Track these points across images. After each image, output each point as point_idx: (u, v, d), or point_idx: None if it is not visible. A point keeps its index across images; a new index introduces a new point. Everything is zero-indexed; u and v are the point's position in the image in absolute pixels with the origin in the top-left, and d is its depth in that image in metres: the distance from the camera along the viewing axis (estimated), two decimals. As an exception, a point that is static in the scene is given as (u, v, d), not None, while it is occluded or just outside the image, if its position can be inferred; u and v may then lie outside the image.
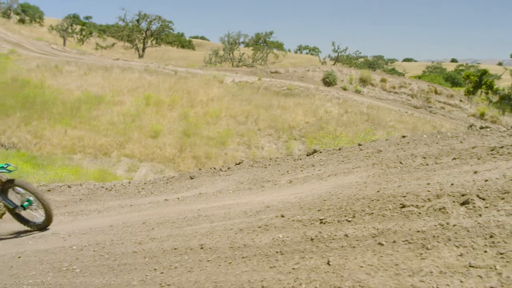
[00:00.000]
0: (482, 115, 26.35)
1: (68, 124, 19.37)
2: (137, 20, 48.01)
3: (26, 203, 5.67)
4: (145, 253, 3.97)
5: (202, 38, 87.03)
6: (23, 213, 5.75)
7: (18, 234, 5.67)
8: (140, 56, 46.57)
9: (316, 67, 34.00)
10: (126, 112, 21.55)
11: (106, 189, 7.98)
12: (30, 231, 5.76)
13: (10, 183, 5.64)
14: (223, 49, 46.28)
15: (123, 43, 50.63)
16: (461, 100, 27.96)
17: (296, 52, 64.16)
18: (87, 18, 64.47)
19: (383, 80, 30.12)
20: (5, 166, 5.59)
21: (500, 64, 32.04)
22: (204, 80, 27.27)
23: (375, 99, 28.70)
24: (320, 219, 3.64)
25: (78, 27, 54.45)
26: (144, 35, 48.42)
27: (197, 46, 68.96)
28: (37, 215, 5.77)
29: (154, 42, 49.83)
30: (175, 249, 3.88)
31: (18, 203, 5.66)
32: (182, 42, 65.48)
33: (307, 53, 60.66)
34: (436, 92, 28.98)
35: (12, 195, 5.71)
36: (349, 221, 3.45)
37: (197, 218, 4.81)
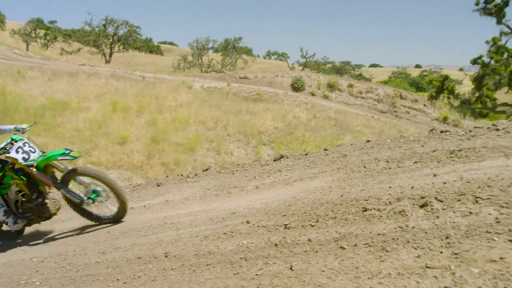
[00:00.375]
0: (444, 119, 27.22)
1: (31, 131, 18.79)
2: (104, 25, 47.25)
3: (93, 195, 4.99)
4: (109, 263, 3.89)
5: (171, 43, 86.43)
6: (91, 206, 5.12)
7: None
8: (107, 62, 45.80)
9: (284, 72, 34.30)
10: (92, 118, 21.09)
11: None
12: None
13: (73, 173, 4.94)
14: (192, 55, 46.08)
15: (89, 48, 49.67)
16: (425, 105, 28.79)
17: (265, 58, 64.59)
18: (51, 22, 63.03)
19: (350, 86, 30.67)
20: (67, 152, 4.86)
21: (461, 69, 33.24)
22: (172, 86, 27.05)
23: (342, 104, 29.17)
24: (285, 225, 3.66)
25: (42, 32, 53.05)
26: (111, 40, 47.67)
27: (165, 51, 68.40)
28: (108, 207, 5.15)
29: (121, 47, 49.11)
30: (139, 258, 3.82)
31: (83, 195, 5.02)
32: (150, 48, 64.82)
33: (276, 59, 61.17)
34: (401, 97, 29.75)
35: (74, 186, 5.08)
36: (312, 225, 3.49)
37: (163, 226, 4.75)
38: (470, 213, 3.03)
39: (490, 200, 3.21)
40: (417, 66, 66.07)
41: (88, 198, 5.01)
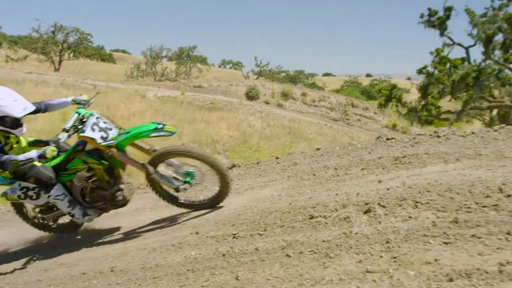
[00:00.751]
0: (394, 126, 28.23)
1: None
2: (53, 32, 45.64)
3: (187, 178, 4.33)
4: (51, 280, 3.74)
5: (124, 51, 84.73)
6: (182, 192, 4.46)
7: None
8: (56, 70, 44.24)
9: (239, 81, 34.46)
10: (40, 129, 20.29)
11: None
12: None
13: (167, 154, 4.26)
14: (145, 63, 45.36)
15: (37, 56, 47.80)
16: (375, 113, 29.76)
17: (219, 67, 64.58)
18: (-5, 28, 60.16)
19: (303, 94, 31.22)
20: (160, 126, 4.12)
21: (409, 78, 34.55)
22: (125, 95, 26.47)
23: (296, 112, 29.62)
24: (233, 234, 3.66)
25: (-16, 38, 50.59)
26: (60, 47, 46.10)
27: (118, 59, 66.96)
28: (205, 190, 4.54)
29: (71, 55, 47.59)
30: (83, 273, 3.69)
31: (177, 180, 4.35)
32: (102, 56, 63.25)
33: (230, 68, 61.33)
34: (353, 105, 30.60)
35: (162, 170, 4.39)
36: (260, 234, 3.51)
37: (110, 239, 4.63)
38: (410, 217, 3.16)
39: (428, 204, 3.36)
40: (368, 75, 68.29)
41: (185, 182, 4.36)
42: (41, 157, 4.02)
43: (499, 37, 16.73)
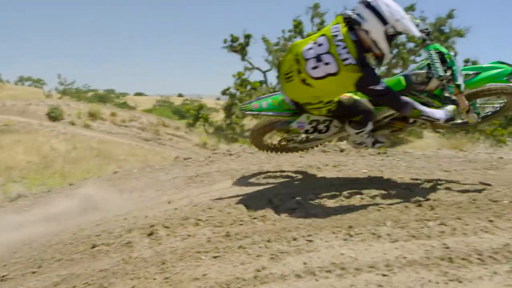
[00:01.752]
0: (204, 144, 29.34)
1: None
2: None
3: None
4: None
5: None
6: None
7: None
8: None
9: (40, 100, 31.43)
10: None
11: None
12: None
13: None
14: None
15: None
16: (186, 132, 30.49)
17: (16, 84, 57.68)
18: None
19: (113, 114, 30.14)
20: None
21: (218, 99, 36.51)
22: None
23: (106, 133, 28.33)
24: (2, 277, 3.26)
25: None
26: None
27: None
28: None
29: None
30: None
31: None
32: None
33: (30, 85, 55.39)
34: (164, 125, 30.79)
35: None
36: (34, 272, 3.20)
37: None
38: (189, 235, 3.29)
39: (208, 221, 3.56)
40: (180, 95, 69.74)
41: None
42: (450, 120, 3.65)
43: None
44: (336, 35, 3.51)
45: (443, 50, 3.69)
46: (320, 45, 3.58)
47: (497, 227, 3.10)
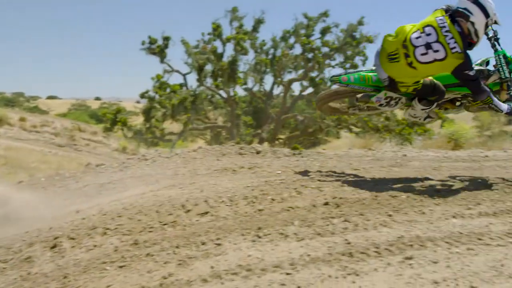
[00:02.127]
0: (124, 149, 28.35)
1: None
2: None
3: None
4: None
5: None
6: None
7: None
8: None
9: None
10: None
11: None
12: None
13: None
14: None
15: None
16: (104, 136, 29.27)
17: None
18: None
19: (22, 119, 28.15)
20: None
21: (138, 102, 35.47)
22: None
23: (14, 140, 26.34)
24: None
25: None
26: None
27: None
28: None
29: None
30: None
31: None
32: None
33: None
34: (80, 130, 29.30)
35: None
36: None
37: None
38: (95, 246, 3.16)
39: (117, 229, 3.44)
40: (97, 99, 66.85)
41: None
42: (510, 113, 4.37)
43: (209, 67, 18.87)
44: (444, 26, 4.03)
45: (508, 55, 4.37)
46: (428, 34, 4.08)
47: (394, 221, 3.34)
